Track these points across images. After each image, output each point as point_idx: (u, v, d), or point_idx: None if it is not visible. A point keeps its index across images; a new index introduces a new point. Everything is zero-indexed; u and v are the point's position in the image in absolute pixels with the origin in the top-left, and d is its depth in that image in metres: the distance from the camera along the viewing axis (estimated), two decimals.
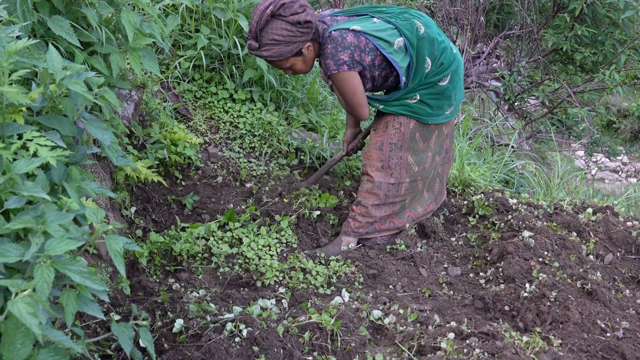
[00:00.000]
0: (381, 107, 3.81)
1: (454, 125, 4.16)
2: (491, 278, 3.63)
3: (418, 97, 3.75)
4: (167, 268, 3.59)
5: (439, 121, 3.90)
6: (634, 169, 11.42)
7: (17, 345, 1.74)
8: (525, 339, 2.95)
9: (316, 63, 4.92)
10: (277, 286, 3.52)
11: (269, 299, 3.24)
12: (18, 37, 2.42)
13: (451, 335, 2.96)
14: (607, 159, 11.29)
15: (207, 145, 4.45)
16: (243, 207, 4.07)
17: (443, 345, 2.86)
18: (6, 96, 2.06)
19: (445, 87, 3.79)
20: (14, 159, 2.02)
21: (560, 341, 2.99)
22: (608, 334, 3.10)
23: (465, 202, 4.40)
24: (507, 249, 3.72)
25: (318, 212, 4.10)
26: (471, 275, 3.74)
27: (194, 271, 3.60)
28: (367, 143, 4.04)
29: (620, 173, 11.38)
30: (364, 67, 3.61)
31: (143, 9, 3.33)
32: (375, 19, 3.69)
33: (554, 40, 7.42)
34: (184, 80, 4.74)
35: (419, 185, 4.01)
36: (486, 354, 2.81)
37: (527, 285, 3.41)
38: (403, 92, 3.72)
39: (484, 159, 5.72)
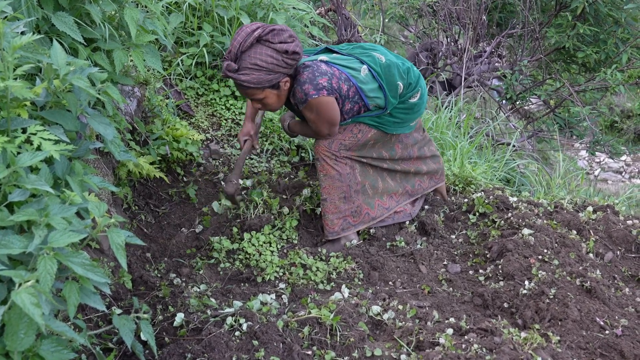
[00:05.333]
0: (349, 120, 3.77)
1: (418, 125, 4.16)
2: (490, 275, 3.65)
3: (388, 111, 3.79)
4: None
5: (403, 132, 3.96)
6: (637, 170, 11.40)
7: (20, 335, 1.76)
8: (523, 335, 2.97)
9: None
10: (277, 282, 3.54)
11: (269, 294, 3.26)
12: (22, 33, 2.44)
13: (450, 331, 2.98)
14: (611, 159, 11.28)
15: (208, 142, 4.47)
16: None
17: (441, 340, 2.88)
18: (11, 90, 2.08)
19: (415, 103, 3.87)
20: (18, 153, 2.05)
21: (558, 338, 3.01)
22: (607, 332, 3.12)
23: (466, 199, 4.41)
24: (506, 246, 3.73)
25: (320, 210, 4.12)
26: (471, 272, 3.76)
27: (195, 266, 3.63)
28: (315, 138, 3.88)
29: (623, 174, 11.37)
30: (340, 95, 3.54)
31: (146, 6, 3.35)
32: (335, 54, 3.73)
33: (556, 39, 7.43)
34: (187, 78, 4.76)
35: (369, 171, 3.99)
36: (484, 350, 2.83)
37: (527, 282, 3.43)
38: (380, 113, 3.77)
39: (485, 158, 5.73)
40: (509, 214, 4.11)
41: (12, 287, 1.78)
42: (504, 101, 7.85)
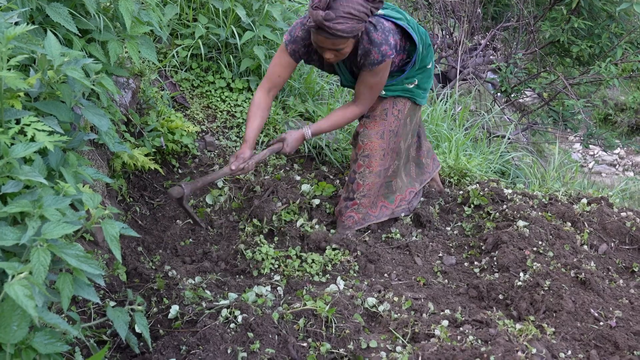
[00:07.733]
0: (383, 92, 3.75)
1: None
2: (486, 267, 3.65)
3: (416, 82, 3.77)
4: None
5: (425, 102, 3.99)
6: (630, 163, 11.43)
7: (13, 327, 1.75)
8: (518, 326, 2.98)
9: None
10: (272, 274, 3.54)
11: (264, 286, 3.25)
12: (16, 24, 2.43)
13: (445, 322, 2.99)
14: (604, 152, 11.30)
15: (204, 133, 4.46)
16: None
17: (437, 332, 2.88)
18: (4, 81, 2.07)
19: (431, 69, 3.88)
20: (12, 144, 2.04)
21: (553, 329, 3.02)
22: (601, 323, 3.13)
23: (461, 192, 4.42)
24: (501, 238, 3.74)
25: (318, 202, 4.10)
26: (466, 264, 3.76)
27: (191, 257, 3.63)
28: (363, 133, 3.84)
29: (617, 167, 11.39)
30: (396, 51, 3.50)
31: None
32: None
33: (550, 32, 7.43)
34: (182, 69, 4.74)
35: (400, 167, 4.03)
36: (479, 341, 2.83)
37: (521, 274, 3.44)
38: (405, 75, 3.72)
39: (480, 150, 5.73)
40: (504, 206, 4.12)
41: (5, 279, 1.77)
42: (498, 94, 7.85)
